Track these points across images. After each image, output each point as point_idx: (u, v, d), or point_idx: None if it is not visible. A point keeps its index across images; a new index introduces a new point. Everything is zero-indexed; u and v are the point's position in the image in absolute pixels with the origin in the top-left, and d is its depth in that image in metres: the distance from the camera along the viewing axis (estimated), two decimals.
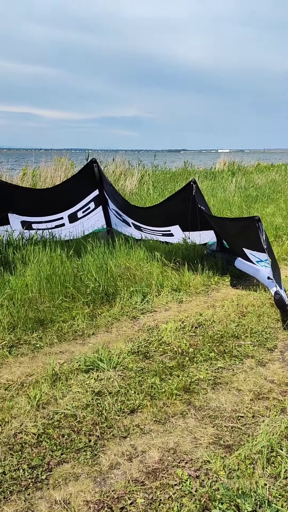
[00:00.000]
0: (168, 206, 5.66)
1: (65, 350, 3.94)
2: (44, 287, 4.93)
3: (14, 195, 6.20)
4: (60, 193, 6.37)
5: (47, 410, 2.96)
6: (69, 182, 6.52)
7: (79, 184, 6.36)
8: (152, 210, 6.13)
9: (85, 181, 6.32)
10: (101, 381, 3.32)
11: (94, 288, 5.03)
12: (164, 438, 2.70)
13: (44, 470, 2.41)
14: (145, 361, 3.66)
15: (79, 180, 6.35)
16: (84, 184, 6.37)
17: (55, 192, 6.44)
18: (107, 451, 2.58)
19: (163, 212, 5.80)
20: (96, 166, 6.17)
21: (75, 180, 6.45)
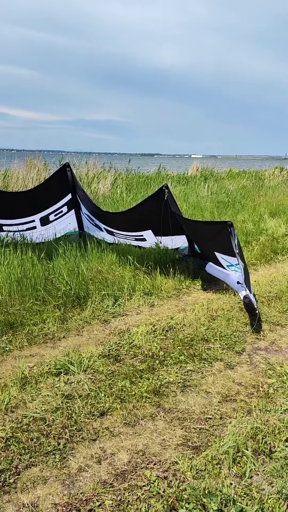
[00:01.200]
0: (141, 211, 5.71)
1: (35, 353, 3.92)
2: (15, 290, 4.89)
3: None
4: (32, 196, 6.32)
5: (15, 413, 2.94)
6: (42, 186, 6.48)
7: (52, 188, 6.33)
8: (124, 215, 6.16)
9: (58, 185, 6.30)
10: (71, 384, 3.32)
11: (65, 291, 5.02)
12: (134, 440, 2.73)
13: (12, 474, 2.40)
14: (115, 364, 3.68)
15: (52, 183, 6.33)
16: (57, 187, 6.34)
17: (27, 195, 6.39)
18: (76, 454, 2.59)
19: (136, 217, 5.85)
20: (69, 170, 6.16)
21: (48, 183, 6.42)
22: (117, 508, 2.17)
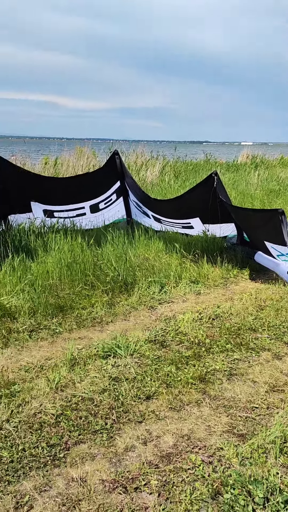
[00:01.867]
0: (189, 199, 5.67)
1: (84, 336, 4.03)
2: (65, 274, 5.03)
3: (37, 184, 6.31)
4: (83, 183, 6.45)
5: (65, 392, 3.05)
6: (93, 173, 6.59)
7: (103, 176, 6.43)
8: (172, 202, 6.15)
9: (108, 173, 6.39)
10: (118, 367, 3.39)
11: (113, 277, 5.10)
12: (179, 424, 2.76)
13: (62, 449, 2.50)
14: (161, 350, 3.71)
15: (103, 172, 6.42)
16: (107, 176, 6.43)
17: (78, 182, 6.52)
18: (122, 434, 2.66)
19: (184, 204, 5.82)
20: (118, 158, 6.22)
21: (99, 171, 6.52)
22: (162, 488, 2.21)
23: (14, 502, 2.13)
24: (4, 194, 6.00)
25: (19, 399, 2.96)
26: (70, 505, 2.11)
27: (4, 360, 3.54)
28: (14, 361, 3.53)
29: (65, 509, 2.09)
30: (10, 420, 2.73)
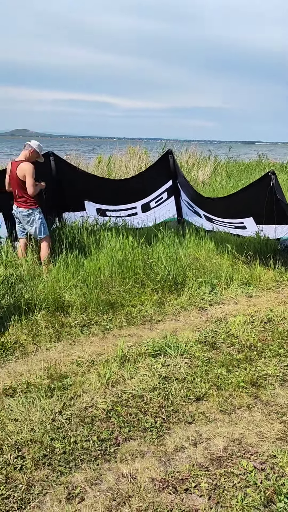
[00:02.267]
0: (243, 197, 5.55)
1: (134, 333, 4.05)
2: (116, 272, 5.09)
3: (91, 183, 6.42)
4: (135, 183, 6.49)
5: (115, 388, 3.08)
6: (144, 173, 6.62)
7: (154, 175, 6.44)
8: (225, 201, 6.05)
9: (160, 171, 6.39)
10: (168, 366, 3.38)
11: (163, 276, 5.10)
12: (229, 428, 2.71)
13: (113, 444, 2.53)
14: (212, 351, 3.67)
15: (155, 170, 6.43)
16: (159, 174, 6.43)
17: (130, 183, 6.57)
18: (172, 434, 2.64)
19: (237, 203, 5.70)
20: (172, 157, 6.20)
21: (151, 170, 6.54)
22: (213, 492, 2.18)
23: (66, 493, 2.17)
24: (59, 192, 6.16)
25: (71, 392, 3.02)
26: (120, 501, 2.13)
27: (57, 353, 3.63)
28: (66, 354, 3.61)
29: (115, 504, 2.11)
30: (63, 412, 2.79)
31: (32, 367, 3.39)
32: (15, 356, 3.58)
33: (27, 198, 5.19)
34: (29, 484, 2.22)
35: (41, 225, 5.30)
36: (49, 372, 3.27)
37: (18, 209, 5.28)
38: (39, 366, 3.39)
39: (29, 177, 5.06)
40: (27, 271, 4.91)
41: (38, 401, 2.88)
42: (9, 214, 5.72)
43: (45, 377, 3.20)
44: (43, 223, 5.32)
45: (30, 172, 5.07)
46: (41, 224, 5.29)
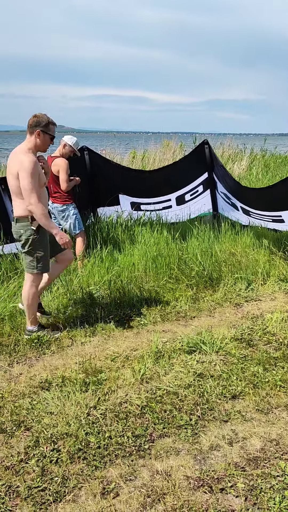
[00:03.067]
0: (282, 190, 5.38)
1: (168, 329, 4.03)
2: (150, 267, 5.08)
3: (125, 177, 6.42)
4: (169, 175, 6.44)
5: (150, 384, 3.07)
6: (179, 164, 6.54)
7: (189, 166, 6.36)
8: (264, 192, 5.90)
9: (195, 163, 6.30)
10: (203, 363, 3.34)
11: (198, 272, 5.04)
12: (267, 428, 2.64)
13: (147, 441, 2.52)
14: (248, 349, 3.59)
15: (189, 162, 6.35)
16: (194, 166, 6.35)
17: (165, 174, 6.52)
18: (207, 432, 2.61)
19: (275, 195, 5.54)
20: (208, 147, 6.11)
21: (185, 162, 6.45)
22: (249, 493, 2.13)
23: (101, 488, 2.18)
24: (94, 187, 6.19)
25: (105, 387, 3.03)
26: (155, 498, 2.12)
27: (92, 348, 3.66)
28: (101, 349, 3.63)
29: (150, 501, 2.10)
30: (97, 407, 2.80)
31: (67, 361, 3.43)
32: (51, 350, 3.63)
33: (62, 194, 5.25)
34: (65, 477, 2.24)
35: (76, 221, 5.35)
36: (84, 366, 3.29)
37: (53, 205, 5.35)
38: (74, 360, 3.42)
39: (62, 173, 5.11)
40: None
41: (73, 395, 2.91)
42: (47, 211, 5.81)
43: (80, 371, 3.23)
44: (77, 219, 5.36)
45: (64, 168, 5.12)
46: (76, 219, 5.34)
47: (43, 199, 3.59)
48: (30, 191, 3.41)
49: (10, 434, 2.58)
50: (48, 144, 3.65)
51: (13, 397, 2.95)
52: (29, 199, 3.43)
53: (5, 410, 2.80)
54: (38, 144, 3.57)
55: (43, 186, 3.63)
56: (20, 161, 3.45)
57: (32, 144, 3.56)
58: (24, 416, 2.72)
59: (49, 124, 3.56)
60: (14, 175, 3.48)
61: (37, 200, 3.43)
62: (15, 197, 3.56)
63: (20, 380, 3.18)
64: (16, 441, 2.52)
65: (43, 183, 3.60)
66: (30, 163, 3.42)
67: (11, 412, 2.76)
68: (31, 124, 3.54)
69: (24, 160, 3.43)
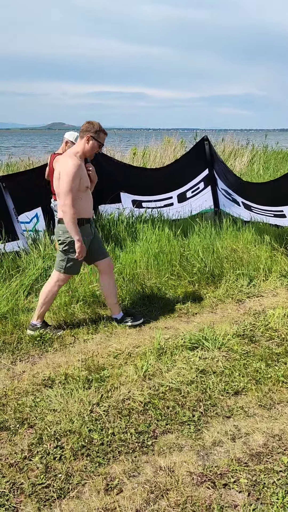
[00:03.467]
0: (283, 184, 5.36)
1: (170, 326, 4.03)
2: (152, 264, 5.07)
3: (126, 174, 6.41)
4: (170, 172, 6.43)
5: (153, 381, 3.08)
6: (180, 162, 6.53)
7: (190, 164, 6.34)
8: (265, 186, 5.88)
9: (195, 160, 6.29)
10: (205, 359, 3.34)
11: (200, 268, 5.04)
12: (269, 423, 2.65)
13: (150, 437, 2.53)
14: (250, 345, 3.60)
15: (190, 159, 6.33)
16: (195, 163, 6.33)
17: (166, 172, 6.51)
18: (210, 428, 2.61)
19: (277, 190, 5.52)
20: (207, 143, 6.09)
21: (186, 159, 6.44)
22: (252, 488, 2.14)
23: (104, 484, 2.19)
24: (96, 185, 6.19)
25: (108, 384, 3.04)
26: (158, 494, 2.13)
27: (95, 345, 3.66)
28: (103, 346, 3.64)
29: (153, 497, 2.11)
30: (100, 404, 2.81)
31: (70, 359, 3.44)
32: (53, 347, 3.64)
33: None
34: (68, 474, 2.26)
35: None
36: (87, 363, 3.30)
37: (55, 202, 5.35)
38: (76, 357, 3.43)
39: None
40: None
41: (76, 392, 2.92)
42: (47, 208, 5.81)
43: (83, 368, 3.24)
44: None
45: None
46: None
47: (84, 203, 3.66)
48: (66, 193, 3.49)
49: (13, 431, 2.59)
50: (96, 151, 3.71)
51: (16, 395, 2.96)
52: (64, 200, 3.50)
53: (8, 407, 2.81)
54: (86, 149, 3.62)
55: (85, 190, 3.65)
56: (64, 163, 3.54)
57: (80, 148, 3.63)
58: (28, 414, 2.74)
59: (100, 131, 3.63)
60: (56, 177, 3.61)
61: (70, 203, 3.49)
62: (59, 199, 3.62)
63: (23, 378, 3.19)
64: (20, 438, 2.54)
65: (84, 188, 3.62)
66: (73, 166, 3.48)
67: (14, 410, 2.78)
68: (83, 129, 3.63)
69: (68, 162, 3.51)
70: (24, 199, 5.72)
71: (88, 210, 3.75)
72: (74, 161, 3.53)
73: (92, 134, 3.60)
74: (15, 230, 5.47)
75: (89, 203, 3.76)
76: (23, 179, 5.78)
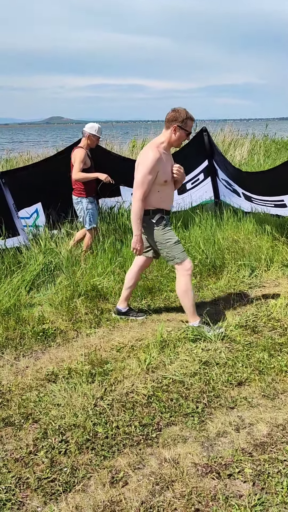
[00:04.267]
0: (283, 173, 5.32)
1: (172, 318, 4.03)
2: None
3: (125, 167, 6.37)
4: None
5: (156, 374, 3.08)
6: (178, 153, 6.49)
7: (189, 155, 6.31)
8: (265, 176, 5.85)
9: (194, 151, 6.25)
10: (208, 351, 3.35)
11: (201, 260, 5.04)
12: (273, 413, 2.66)
13: (154, 429, 2.53)
14: (253, 336, 3.60)
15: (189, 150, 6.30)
16: (194, 155, 6.30)
17: None
18: (214, 419, 2.62)
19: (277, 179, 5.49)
20: (206, 135, 6.05)
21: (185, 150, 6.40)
22: (257, 478, 2.15)
23: (109, 477, 2.20)
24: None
25: (112, 378, 3.05)
26: (164, 485, 2.14)
27: (97, 339, 3.67)
28: (106, 340, 3.65)
29: (158, 489, 2.12)
30: (104, 398, 2.82)
31: (73, 353, 3.44)
32: (56, 342, 3.65)
33: (78, 186, 5.22)
34: (74, 468, 2.27)
35: (88, 216, 5.27)
36: (90, 358, 3.31)
37: (72, 196, 5.32)
38: (79, 352, 3.44)
39: (76, 163, 5.08)
40: (66, 259, 4.96)
41: (80, 386, 2.92)
42: (47, 203, 5.80)
43: (86, 363, 3.25)
44: (90, 214, 5.27)
45: (77, 158, 5.08)
46: (89, 214, 5.26)
47: (164, 195, 3.57)
48: (140, 185, 3.43)
49: (18, 426, 2.60)
50: (183, 140, 3.60)
51: (20, 390, 2.97)
52: (136, 192, 3.44)
53: (12, 403, 2.82)
54: (173, 140, 3.52)
55: (164, 184, 3.54)
56: (145, 154, 3.47)
57: (166, 138, 3.52)
58: (32, 409, 2.75)
59: (187, 119, 3.48)
60: (136, 168, 3.54)
61: (140, 197, 3.43)
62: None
63: (26, 373, 3.20)
64: (25, 433, 2.55)
65: (162, 181, 3.51)
66: (152, 159, 3.39)
67: (18, 405, 2.79)
68: (169, 118, 3.49)
69: (149, 154, 3.42)
70: (24, 194, 5.70)
71: (168, 202, 3.65)
72: (155, 153, 3.41)
73: (179, 123, 3.45)
74: (15, 225, 5.46)
75: (169, 195, 3.65)
76: (23, 175, 5.77)
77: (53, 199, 5.83)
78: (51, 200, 5.85)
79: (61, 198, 5.75)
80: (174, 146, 3.60)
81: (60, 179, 5.53)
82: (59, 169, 5.58)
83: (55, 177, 5.68)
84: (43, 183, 5.75)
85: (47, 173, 5.79)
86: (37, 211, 5.97)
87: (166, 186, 3.58)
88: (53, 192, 5.82)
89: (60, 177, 5.52)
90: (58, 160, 5.85)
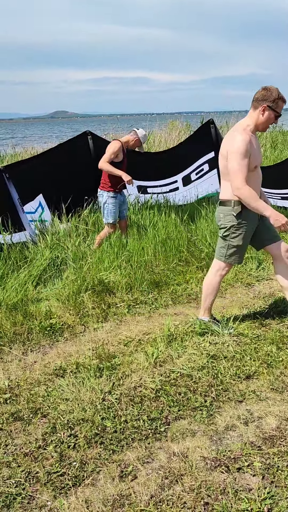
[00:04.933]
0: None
1: (180, 312, 4.02)
2: (159, 251, 5.06)
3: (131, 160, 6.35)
4: (174, 155, 6.38)
5: (164, 368, 3.08)
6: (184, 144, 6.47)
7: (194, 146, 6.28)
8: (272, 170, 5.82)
9: (200, 142, 6.22)
10: (216, 345, 3.34)
11: (208, 253, 5.01)
12: (282, 407, 2.64)
13: (163, 423, 2.53)
14: (261, 329, 3.58)
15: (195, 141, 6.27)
16: (199, 145, 6.27)
17: (170, 155, 6.46)
18: (222, 413, 2.62)
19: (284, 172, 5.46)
20: (213, 126, 6.01)
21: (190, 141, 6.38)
22: (266, 472, 2.14)
23: (119, 471, 2.21)
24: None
25: (119, 372, 3.05)
26: (173, 479, 2.14)
27: (105, 333, 3.67)
28: (113, 334, 3.65)
29: (167, 482, 2.12)
30: (112, 392, 2.82)
31: (80, 348, 3.45)
32: (64, 337, 3.66)
33: (103, 179, 5.22)
34: (83, 462, 2.27)
35: (106, 210, 5.24)
36: (97, 352, 3.31)
37: (100, 192, 5.31)
38: (87, 346, 3.44)
39: (107, 152, 5.06)
40: (73, 253, 4.96)
41: (88, 381, 2.93)
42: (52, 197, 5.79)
43: (94, 357, 3.25)
44: (110, 210, 5.24)
45: (111, 148, 5.06)
46: (107, 209, 5.23)
47: (253, 183, 3.18)
48: (236, 173, 3.07)
49: (27, 421, 2.61)
50: (271, 123, 3.24)
51: (29, 385, 2.98)
52: (235, 182, 3.09)
53: (21, 398, 2.83)
54: (261, 121, 3.17)
55: (254, 169, 3.21)
56: (232, 139, 3.13)
57: (253, 120, 3.18)
58: (40, 404, 2.76)
59: (279, 99, 3.13)
60: (223, 154, 3.20)
61: (243, 182, 3.06)
62: (222, 178, 3.31)
63: (34, 368, 3.21)
64: (34, 428, 2.56)
65: (253, 167, 3.18)
66: (242, 142, 3.05)
67: (27, 400, 2.80)
68: (258, 97, 3.15)
69: (237, 139, 3.08)
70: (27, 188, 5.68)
71: (257, 189, 3.28)
72: (244, 136, 3.08)
73: (269, 103, 3.10)
74: (21, 220, 5.46)
75: (256, 183, 3.29)
76: (25, 168, 5.75)
77: (54, 190, 5.80)
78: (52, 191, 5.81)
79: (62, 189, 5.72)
80: (260, 130, 3.26)
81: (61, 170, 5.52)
82: (60, 161, 5.57)
83: (56, 168, 5.67)
84: (44, 174, 5.74)
85: (48, 165, 5.77)
86: (41, 205, 5.96)
87: (254, 173, 3.24)
88: (54, 184, 5.79)
89: (61, 169, 5.51)
90: (58, 152, 5.84)
